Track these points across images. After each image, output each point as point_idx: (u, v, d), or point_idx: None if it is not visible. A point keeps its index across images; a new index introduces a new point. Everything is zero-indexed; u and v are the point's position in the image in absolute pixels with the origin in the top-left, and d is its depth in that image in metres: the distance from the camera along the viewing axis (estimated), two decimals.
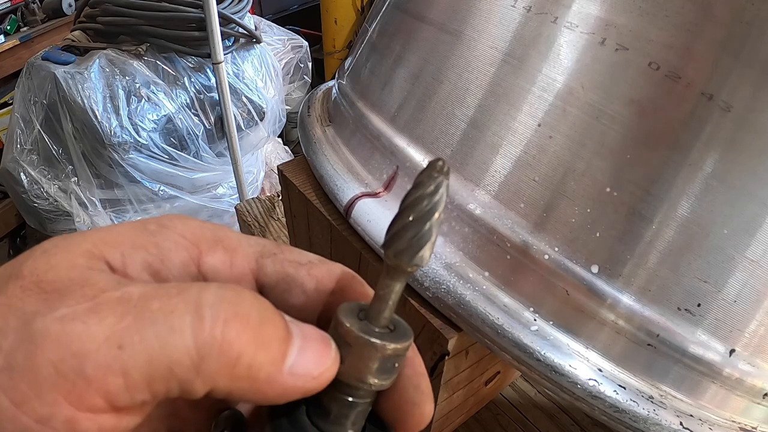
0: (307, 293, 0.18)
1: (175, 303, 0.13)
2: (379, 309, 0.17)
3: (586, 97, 0.34)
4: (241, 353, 0.13)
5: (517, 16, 0.37)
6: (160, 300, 0.13)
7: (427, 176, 0.16)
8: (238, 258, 0.17)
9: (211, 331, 0.13)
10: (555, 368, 0.36)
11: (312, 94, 0.63)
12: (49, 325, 0.12)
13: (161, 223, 0.17)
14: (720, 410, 0.37)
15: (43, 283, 0.13)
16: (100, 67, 1.31)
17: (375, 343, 0.17)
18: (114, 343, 0.12)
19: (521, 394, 0.65)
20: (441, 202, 0.16)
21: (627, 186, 0.34)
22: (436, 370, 0.44)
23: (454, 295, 0.38)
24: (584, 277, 0.35)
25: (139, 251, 0.15)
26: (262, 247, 0.18)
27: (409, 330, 0.18)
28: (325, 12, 1.85)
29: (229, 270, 0.17)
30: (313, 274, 0.18)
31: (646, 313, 0.35)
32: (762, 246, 0.33)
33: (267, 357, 0.14)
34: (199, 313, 0.13)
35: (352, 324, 0.17)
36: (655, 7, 0.32)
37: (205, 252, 0.17)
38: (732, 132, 0.31)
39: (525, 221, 0.37)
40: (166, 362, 0.12)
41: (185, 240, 0.16)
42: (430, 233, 0.16)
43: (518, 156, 0.37)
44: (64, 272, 0.14)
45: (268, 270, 0.18)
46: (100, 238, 0.15)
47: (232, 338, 0.13)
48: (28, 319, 0.12)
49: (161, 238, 0.16)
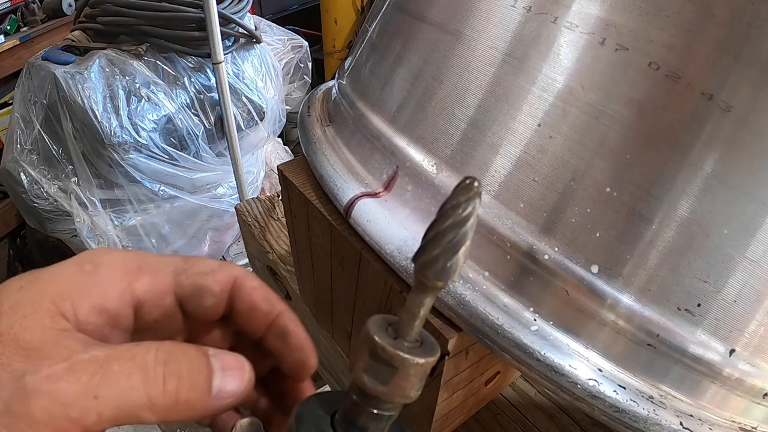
0: (216, 295, 0.23)
1: (130, 367, 0.18)
2: (411, 325, 0.18)
3: (586, 97, 0.34)
4: (178, 397, 0.18)
5: (517, 16, 0.37)
6: (119, 363, 0.18)
7: (462, 196, 0.17)
8: (160, 279, 0.22)
9: (156, 386, 0.18)
10: (555, 368, 0.36)
11: (312, 94, 0.63)
12: (39, 384, 0.16)
13: (94, 261, 0.21)
14: (720, 410, 0.37)
15: (21, 341, 0.17)
16: (100, 67, 1.31)
17: (420, 362, 0.18)
18: (91, 394, 0.17)
19: (521, 394, 0.65)
20: (473, 222, 0.17)
21: (627, 186, 0.34)
22: (436, 370, 0.44)
23: (454, 295, 0.38)
24: (584, 277, 0.35)
25: (84, 299, 0.19)
26: (175, 266, 0.23)
27: (433, 339, 0.19)
28: (325, 12, 1.85)
29: (155, 292, 0.22)
30: (217, 280, 0.23)
31: (646, 313, 0.35)
32: (762, 246, 0.33)
33: (197, 394, 0.19)
34: (147, 375, 0.18)
35: (393, 346, 0.17)
36: (655, 7, 0.32)
37: (133, 279, 0.21)
38: (732, 132, 0.31)
39: (525, 221, 0.37)
40: (129, 407, 0.18)
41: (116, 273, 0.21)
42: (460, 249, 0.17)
43: (518, 156, 0.37)
44: (38, 333, 0.18)
45: (183, 284, 0.23)
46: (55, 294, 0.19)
47: (171, 389, 0.18)
48: (19, 376, 0.17)
49: (98, 278, 0.20)
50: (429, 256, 0.17)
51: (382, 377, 0.17)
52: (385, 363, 0.17)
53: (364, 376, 0.18)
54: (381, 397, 0.18)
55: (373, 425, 0.18)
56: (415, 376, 0.18)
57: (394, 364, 0.17)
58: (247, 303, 0.24)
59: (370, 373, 0.18)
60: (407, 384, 0.18)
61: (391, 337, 0.18)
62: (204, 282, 0.23)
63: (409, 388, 0.18)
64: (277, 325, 0.24)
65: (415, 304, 0.18)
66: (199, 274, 0.23)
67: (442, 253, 0.17)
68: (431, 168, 0.41)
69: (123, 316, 0.21)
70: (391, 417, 0.18)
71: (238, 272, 0.24)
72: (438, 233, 0.17)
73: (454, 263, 0.17)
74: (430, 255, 0.17)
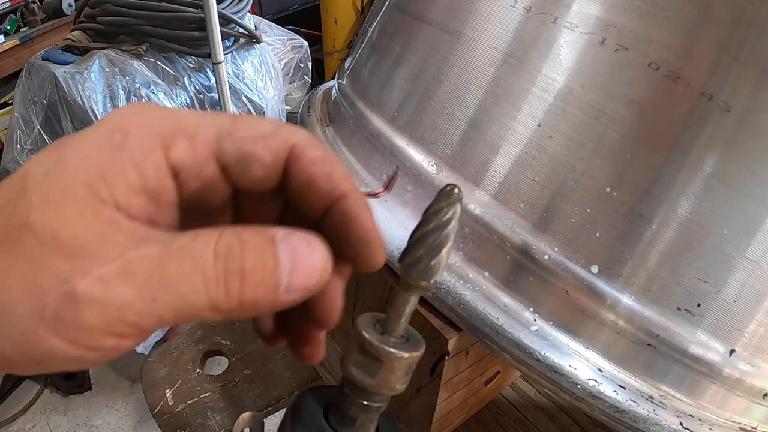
0: (266, 165, 0.19)
1: (188, 268, 0.16)
2: (398, 322, 0.19)
3: (586, 97, 0.34)
4: (242, 297, 0.16)
5: (517, 16, 0.37)
6: (176, 263, 0.16)
7: (443, 201, 0.18)
8: (199, 145, 0.19)
9: (217, 288, 0.16)
10: (555, 368, 0.36)
11: (312, 94, 0.63)
12: (90, 288, 0.15)
13: (123, 128, 0.17)
14: (720, 410, 0.37)
15: (61, 237, 0.15)
16: (100, 67, 1.31)
17: (405, 356, 0.19)
18: (149, 297, 0.15)
19: (521, 394, 0.65)
20: (454, 225, 0.18)
21: (627, 186, 0.34)
22: (436, 370, 0.44)
23: (454, 295, 0.38)
24: (584, 277, 0.35)
25: (120, 179, 0.17)
26: (218, 128, 0.19)
27: (419, 335, 0.20)
28: (325, 12, 1.85)
29: (194, 158, 0.18)
30: (269, 147, 0.19)
31: (646, 313, 0.35)
32: (762, 246, 0.33)
33: (263, 292, 0.17)
34: (207, 275, 0.16)
35: (380, 341, 0.19)
36: (655, 8, 0.32)
37: (168, 146, 0.18)
38: (732, 132, 0.31)
39: (525, 221, 0.37)
40: (190, 309, 0.16)
41: (150, 140, 0.18)
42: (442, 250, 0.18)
43: (518, 156, 0.37)
44: (78, 227, 0.15)
45: (228, 151, 0.19)
46: (88, 177, 0.16)
47: (234, 290, 0.16)
48: (65, 280, 0.15)
49: (131, 150, 0.17)
50: (413, 257, 0.18)
51: (370, 370, 0.19)
52: (373, 357, 0.19)
53: (353, 369, 0.19)
54: (369, 389, 0.19)
55: (362, 416, 0.19)
56: (401, 369, 0.19)
57: (381, 357, 0.19)
58: (304, 178, 0.20)
59: (358, 366, 0.19)
60: (393, 377, 0.19)
61: (378, 333, 0.19)
62: (252, 149, 0.19)
63: (395, 380, 0.19)
64: (338, 209, 0.20)
65: (401, 302, 0.19)
66: (248, 139, 0.19)
67: (425, 254, 0.18)
68: (431, 168, 0.41)
69: (165, 190, 0.18)
70: (380, 408, 0.20)
71: (298, 138, 0.20)
72: (421, 236, 0.18)
73: (437, 263, 0.18)
74: (414, 256, 0.18)
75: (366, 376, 0.19)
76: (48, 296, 0.15)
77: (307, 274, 0.17)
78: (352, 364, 0.19)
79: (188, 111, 0.20)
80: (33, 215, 0.15)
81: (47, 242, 0.15)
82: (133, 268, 0.15)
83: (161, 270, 0.16)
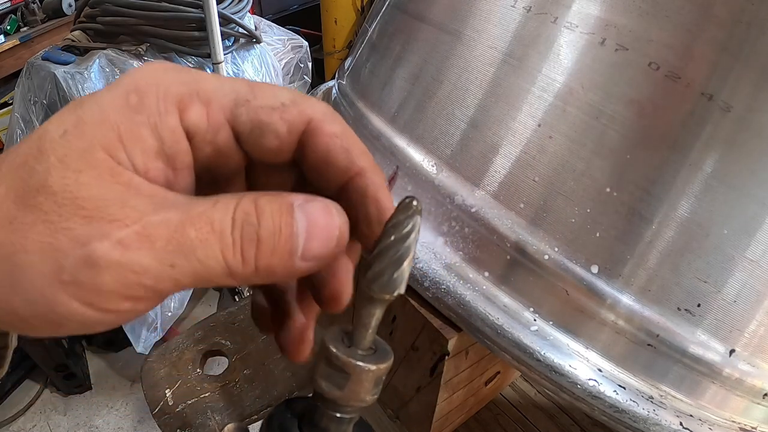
0: (281, 137, 0.19)
1: (206, 233, 0.16)
2: (364, 335, 0.19)
3: (586, 97, 0.34)
4: (258, 264, 0.17)
5: (517, 16, 0.37)
6: (195, 229, 0.16)
7: (402, 214, 0.18)
8: (214, 110, 0.18)
9: (234, 255, 0.16)
10: (555, 368, 0.36)
11: (312, 94, 0.63)
12: (109, 252, 0.15)
13: (139, 89, 0.17)
14: (720, 410, 0.37)
15: (80, 200, 0.15)
16: (100, 67, 1.31)
17: (371, 368, 0.19)
18: (167, 263, 0.15)
19: (521, 394, 0.65)
20: (414, 237, 0.18)
21: (627, 186, 0.34)
22: (436, 370, 0.44)
23: (454, 295, 0.38)
24: (584, 277, 0.35)
25: (137, 142, 0.17)
26: (236, 95, 0.19)
27: (388, 346, 0.21)
28: (325, 12, 1.85)
29: (206, 123, 0.18)
30: (285, 118, 0.19)
31: (646, 313, 0.35)
32: (762, 246, 0.33)
33: (279, 259, 0.17)
34: (225, 242, 0.16)
35: (346, 354, 0.19)
36: (655, 8, 0.32)
37: (183, 109, 0.18)
38: (732, 132, 0.31)
39: (525, 221, 0.37)
40: (207, 274, 0.16)
41: (166, 103, 0.18)
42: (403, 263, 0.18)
43: (518, 156, 0.37)
44: (97, 190, 0.15)
45: (243, 119, 0.19)
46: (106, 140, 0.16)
47: (250, 257, 0.16)
48: (84, 242, 0.15)
49: (147, 113, 0.17)
50: (375, 271, 0.18)
51: (338, 383, 0.19)
52: (339, 370, 0.19)
53: (322, 382, 0.19)
54: (338, 401, 0.19)
55: (334, 427, 0.20)
56: (368, 381, 0.19)
57: (347, 370, 0.19)
58: (320, 152, 0.19)
59: (327, 379, 0.19)
60: (361, 389, 0.19)
61: (345, 346, 0.19)
62: (268, 119, 0.19)
63: (364, 392, 0.19)
64: (354, 186, 0.19)
65: (366, 315, 0.19)
66: (264, 108, 0.19)
67: (387, 268, 0.18)
68: (431, 168, 0.41)
69: (181, 152, 0.18)
70: (352, 419, 0.20)
71: (316, 111, 0.19)
72: (382, 249, 0.18)
73: (399, 276, 0.18)
74: (376, 270, 0.18)
75: (334, 388, 0.19)
76: (66, 259, 0.15)
77: (323, 242, 0.17)
78: (321, 377, 0.19)
79: (208, 74, 0.19)
80: (52, 177, 0.15)
81: (66, 204, 0.15)
82: (152, 232, 0.15)
83: (180, 235, 0.16)
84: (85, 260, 0.15)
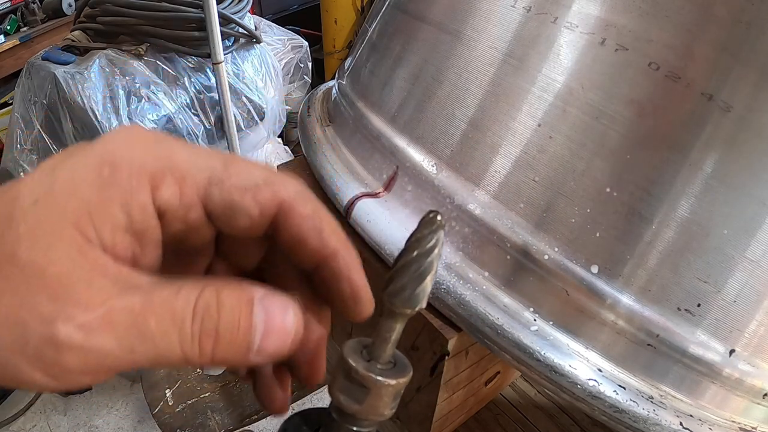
0: (252, 218, 0.19)
1: (167, 325, 0.17)
2: (383, 348, 0.19)
3: (586, 98, 0.34)
4: (214, 356, 0.17)
5: (517, 16, 0.37)
6: (156, 319, 0.16)
7: (426, 228, 0.18)
8: (187, 188, 0.18)
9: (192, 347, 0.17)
10: (555, 368, 0.36)
11: (312, 94, 0.63)
12: (72, 335, 0.15)
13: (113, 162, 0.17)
14: (720, 410, 0.37)
15: (47, 277, 0.16)
16: (100, 67, 1.31)
17: (391, 383, 0.19)
18: (127, 348, 0.16)
19: (521, 394, 0.65)
20: (437, 252, 0.18)
21: (627, 186, 0.34)
22: (436, 370, 0.44)
23: (454, 295, 0.38)
24: (584, 277, 0.35)
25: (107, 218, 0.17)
26: (210, 172, 0.19)
27: (406, 360, 0.20)
28: (325, 12, 1.85)
29: (178, 201, 0.18)
30: (258, 200, 0.19)
31: (646, 313, 0.35)
32: (762, 246, 0.33)
33: (235, 353, 0.17)
34: (184, 335, 0.17)
35: (366, 368, 0.19)
36: (655, 8, 0.32)
37: (156, 186, 0.18)
38: (732, 132, 0.31)
39: (525, 221, 0.37)
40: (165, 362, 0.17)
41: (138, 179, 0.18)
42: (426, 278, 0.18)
43: (518, 156, 0.37)
44: (64, 267, 0.16)
45: (215, 198, 0.19)
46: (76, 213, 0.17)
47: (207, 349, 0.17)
48: (48, 321, 0.15)
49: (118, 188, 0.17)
50: (397, 285, 0.18)
51: (356, 397, 0.19)
52: (359, 384, 0.19)
53: (340, 395, 0.19)
54: (356, 416, 0.19)
55: None
56: (387, 395, 0.19)
57: (367, 385, 0.19)
58: (293, 234, 0.19)
59: (345, 392, 0.19)
60: (380, 403, 0.19)
61: (365, 360, 0.19)
62: (241, 200, 0.19)
63: (383, 407, 0.19)
64: (328, 266, 0.20)
65: (386, 329, 0.19)
66: (237, 189, 0.19)
67: (409, 283, 0.18)
68: (431, 168, 0.41)
69: (149, 229, 0.18)
70: None
71: (289, 192, 0.19)
72: (405, 264, 0.18)
73: (421, 291, 0.18)
74: (398, 284, 0.18)
75: (353, 402, 0.19)
76: (31, 334, 0.15)
77: (278, 341, 0.18)
78: (339, 390, 0.19)
79: (184, 145, 0.19)
80: (21, 248, 0.16)
81: (33, 278, 0.16)
82: (115, 318, 0.16)
83: (141, 324, 0.16)
84: (48, 340, 0.15)
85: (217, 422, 0.65)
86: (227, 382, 0.70)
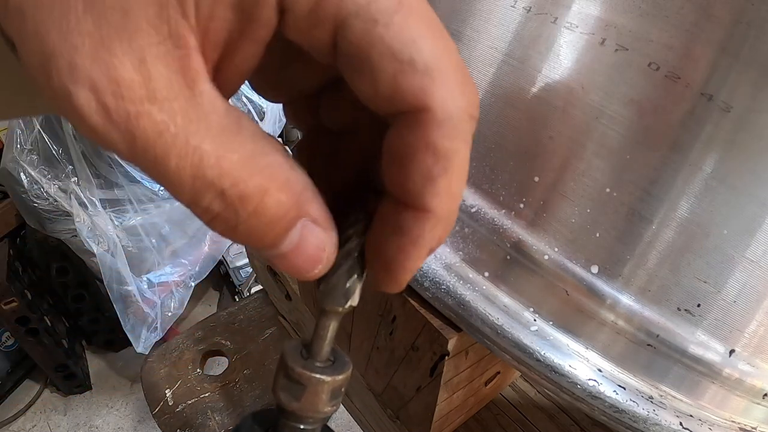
0: (379, 97, 0.14)
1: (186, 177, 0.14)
2: (320, 346, 0.20)
3: (586, 98, 0.34)
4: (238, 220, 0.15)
5: (517, 16, 0.37)
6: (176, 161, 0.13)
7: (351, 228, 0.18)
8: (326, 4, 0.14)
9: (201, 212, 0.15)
10: (555, 368, 0.36)
11: None
12: None
13: None
14: (720, 410, 0.37)
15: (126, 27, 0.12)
16: None
17: (326, 380, 0.19)
18: (130, 148, 0.13)
19: (521, 394, 0.65)
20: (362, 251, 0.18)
21: (627, 186, 0.34)
22: (436, 370, 0.44)
23: (453, 295, 0.38)
24: (584, 277, 0.35)
25: None
26: (366, 3, 0.14)
27: (347, 358, 0.21)
28: None
29: (308, 7, 0.14)
30: (398, 82, 0.14)
31: (645, 313, 0.35)
32: (762, 246, 0.33)
33: (256, 238, 0.15)
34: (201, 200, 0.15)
35: (303, 366, 0.19)
36: (655, 8, 0.32)
37: None
38: (732, 132, 0.31)
39: (525, 221, 0.37)
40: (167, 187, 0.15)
41: None
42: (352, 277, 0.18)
43: (517, 156, 0.37)
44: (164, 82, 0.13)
45: (350, 38, 0.14)
46: None
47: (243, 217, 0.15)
48: None
49: None
50: (327, 283, 0.19)
51: (295, 394, 0.19)
52: (296, 382, 0.19)
53: (281, 393, 0.20)
54: (297, 413, 0.20)
55: None
56: (324, 392, 0.19)
57: (303, 382, 0.19)
58: (399, 155, 0.15)
59: (285, 390, 0.20)
60: (317, 400, 0.19)
61: (303, 358, 0.20)
62: (378, 65, 0.14)
63: (321, 404, 0.20)
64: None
65: (321, 327, 0.20)
66: (385, 50, 0.14)
67: (339, 282, 0.19)
68: None
69: (262, 21, 0.13)
70: (314, 430, 0.20)
71: (440, 108, 0.14)
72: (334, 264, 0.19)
73: (350, 289, 0.19)
74: (329, 282, 0.19)
75: (292, 400, 0.19)
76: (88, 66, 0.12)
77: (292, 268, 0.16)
78: (280, 388, 0.20)
79: None
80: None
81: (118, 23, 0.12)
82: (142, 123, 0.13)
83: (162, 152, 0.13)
84: None
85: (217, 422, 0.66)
86: (227, 382, 0.71)
